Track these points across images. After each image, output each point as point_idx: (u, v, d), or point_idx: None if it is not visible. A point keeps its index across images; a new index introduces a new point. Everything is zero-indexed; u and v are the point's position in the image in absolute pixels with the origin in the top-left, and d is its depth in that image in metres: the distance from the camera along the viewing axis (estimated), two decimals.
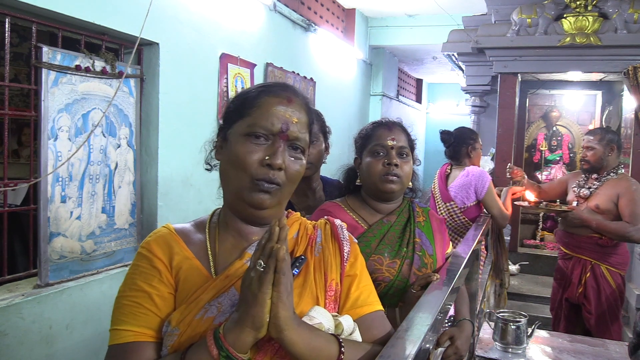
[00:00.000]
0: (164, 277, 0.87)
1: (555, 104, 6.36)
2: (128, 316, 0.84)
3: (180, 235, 0.92)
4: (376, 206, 1.49)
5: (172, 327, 0.83)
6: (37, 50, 2.27)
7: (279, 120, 0.88)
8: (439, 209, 2.94)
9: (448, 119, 9.76)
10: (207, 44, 3.39)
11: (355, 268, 0.98)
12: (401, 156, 1.45)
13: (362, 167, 1.50)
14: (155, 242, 0.90)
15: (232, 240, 0.93)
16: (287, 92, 0.93)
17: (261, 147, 0.88)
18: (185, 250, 0.90)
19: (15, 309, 2.16)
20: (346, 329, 0.87)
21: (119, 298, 0.87)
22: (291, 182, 0.91)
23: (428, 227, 1.50)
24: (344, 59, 5.91)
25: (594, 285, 2.95)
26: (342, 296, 0.95)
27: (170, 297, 0.86)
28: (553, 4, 4.44)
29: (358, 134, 1.57)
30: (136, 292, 0.85)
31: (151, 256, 0.88)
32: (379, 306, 0.98)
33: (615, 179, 2.95)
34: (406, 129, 1.52)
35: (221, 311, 0.84)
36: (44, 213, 2.32)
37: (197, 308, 0.84)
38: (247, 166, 0.86)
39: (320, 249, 0.96)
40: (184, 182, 3.20)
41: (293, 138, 0.90)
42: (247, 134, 0.88)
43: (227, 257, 0.91)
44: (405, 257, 1.40)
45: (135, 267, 0.89)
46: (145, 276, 0.86)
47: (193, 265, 0.89)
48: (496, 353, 2.00)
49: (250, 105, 0.91)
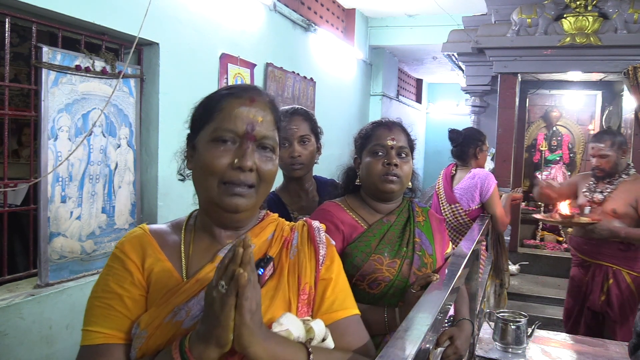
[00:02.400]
0: (136, 279, 0.87)
1: (555, 104, 6.35)
2: (99, 318, 0.84)
3: (154, 236, 0.92)
4: (376, 206, 1.48)
5: (140, 330, 0.83)
6: (37, 50, 2.27)
7: (243, 122, 0.87)
8: (443, 210, 2.94)
9: (448, 119, 9.76)
10: (207, 44, 3.39)
11: (330, 271, 0.97)
12: (401, 156, 1.45)
13: (361, 167, 1.50)
14: (129, 242, 0.90)
15: (206, 242, 0.93)
16: (249, 92, 0.91)
17: (229, 151, 0.87)
18: (158, 252, 0.90)
19: (15, 309, 2.16)
20: (317, 334, 0.86)
21: (91, 299, 0.87)
22: (265, 182, 0.90)
23: (428, 226, 1.50)
24: (344, 59, 5.91)
25: (617, 292, 2.81)
26: (316, 300, 0.94)
27: (141, 299, 0.86)
28: (553, 4, 4.44)
29: (358, 133, 1.57)
30: (108, 293, 0.85)
31: (124, 257, 0.88)
32: (355, 310, 0.97)
33: (629, 180, 2.84)
34: (406, 129, 1.52)
35: (190, 315, 0.84)
36: (44, 213, 2.32)
37: (166, 311, 0.84)
38: (216, 171, 0.86)
39: (296, 252, 0.95)
40: (183, 182, 3.19)
41: (261, 137, 0.89)
42: (214, 140, 0.88)
43: (199, 260, 0.91)
44: (405, 256, 1.40)
45: (109, 268, 0.88)
46: (117, 278, 0.86)
47: (165, 268, 0.89)
48: (496, 353, 2.00)
49: (213, 109, 0.90)
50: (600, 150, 2.84)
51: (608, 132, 3.04)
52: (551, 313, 4.06)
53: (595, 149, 2.88)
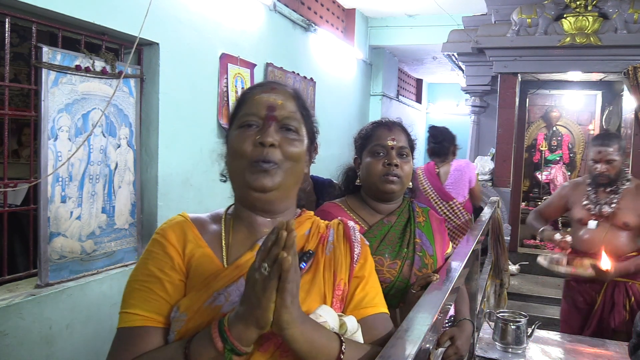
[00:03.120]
0: (176, 264, 0.88)
1: (555, 104, 6.36)
2: (138, 300, 0.85)
3: (195, 223, 0.94)
4: (376, 207, 1.48)
5: (180, 313, 0.84)
6: (37, 50, 2.27)
7: (264, 105, 0.92)
8: (439, 210, 2.95)
9: (448, 119, 9.75)
10: (207, 44, 3.39)
11: (364, 270, 0.99)
12: (401, 156, 1.44)
13: (362, 167, 1.49)
14: (171, 228, 0.92)
15: (245, 232, 0.95)
16: (272, 83, 0.98)
17: (253, 133, 0.90)
18: (198, 239, 0.92)
19: (15, 309, 2.16)
20: (350, 329, 0.88)
21: (130, 282, 0.88)
22: (291, 161, 0.91)
23: (428, 227, 1.50)
24: (344, 59, 5.91)
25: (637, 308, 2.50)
26: (347, 296, 0.96)
27: (181, 284, 0.88)
28: (553, 4, 4.44)
29: (358, 133, 1.56)
30: (148, 277, 0.87)
31: (165, 242, 0.90)
32: (383, 308, 0.98)
33: (632, 188, 2.57)
34: (406, 129, 1.52)
35: (229, 301, 0.85)
36: (44, 213, 2.32)
37: (205, 295, 0.85)
38: (243, 153, 0.89)
39: (332, 248, 0.97)
40: (184, 182, 3.20)
41: (282, 118, 0.92)
42: (240, 126, 0.92)
43: (239, 248, 0.93)
44: (405, 257, 1.40)
45: (149, 252, 0.90)
46: (157, 262, 0.88)
47: (205, 254, 0.90)
48: (496, 353, 2.00)
49: (241, 102, 0.96)
50: (608, 155, 2.52)
51: (613, 135, 2.78)
52: (551, 313, 4.05)
53: (603, 154, 2.53)
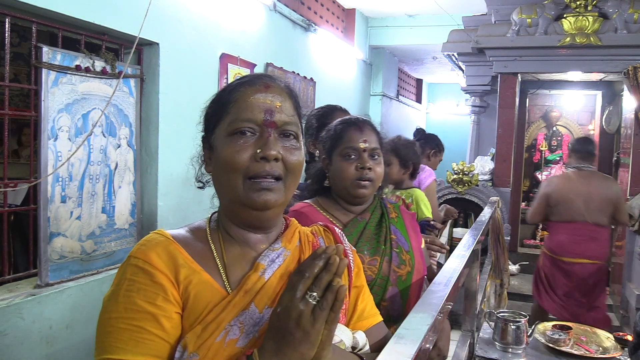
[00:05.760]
0: (170, 294, 0.73)
1: (555, 104, 6.36)
2: (128, 343, 0.69)
3: (180, 243, 0.79)
4: (348, 207, 1.44)
5: (189, 353, 0.71)
6: (37, 50, 2.27)
7: (261, 109, 0.79)
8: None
9: (448, 119, 9.77)
10: (207, 44, 3.39)
11: (360, 279, 0.93)
12: (373, 158, 1.39)
13: (332, 170, 1.41)
14: (153, 251, 0.76)
15: (238, 249, 0.83)
16: (263, 79, 0.84)
17: (250, 143, 0.78)
18: (190, 262, 0.78)
19: (15, 309, 2.16)
20: (361, 344, 0.86)
21: (110, 320, 0.71)
22: (292, 174, 0.81)
23: (401, 223, 1.47)
24: (344, 59, 5.91)
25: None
26: (349, 308, 0.91)
27: (177, 317, 0.74)
28: (553, 4, 4.44)
29: (326, 133, 1.48)
30: (136, 313, 0.71)
31: (151, 269, 0.74)
32: (379, 317, 0.96)
33: None
34: (376, 128, 1.46)
35: (244, 332, 0.75)
36: (44, 213, 2.32)
37: (218, 330, 0.73)
38: (239, 166, 0.77)
39: None
40: (184, 182, 3.20)
41: (282, 124, 0.81)
42: (231, 133, 0.79)
43: (236, 269, 0.81)
44: (384, 254, 1.37)
45: (131, 282, 0.73)
46: (145, 294, 0.72)
47: (203, 280, 0.77)
48: (496, 353, 2.00)
49: (227, 102, 0.82)
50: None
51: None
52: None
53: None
